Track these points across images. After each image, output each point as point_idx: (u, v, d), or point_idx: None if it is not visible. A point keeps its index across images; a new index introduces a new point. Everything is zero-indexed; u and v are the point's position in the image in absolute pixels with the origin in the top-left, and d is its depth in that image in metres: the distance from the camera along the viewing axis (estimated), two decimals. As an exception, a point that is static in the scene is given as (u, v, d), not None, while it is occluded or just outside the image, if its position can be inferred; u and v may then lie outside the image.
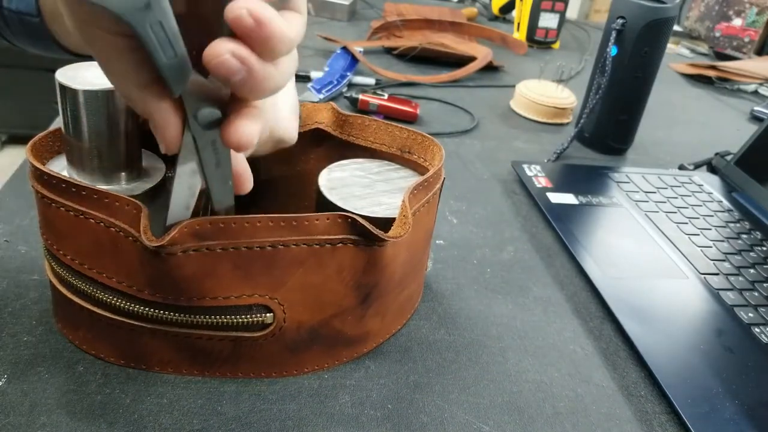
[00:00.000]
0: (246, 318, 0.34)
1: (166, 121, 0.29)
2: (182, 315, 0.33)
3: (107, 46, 0.27)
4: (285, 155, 0.46)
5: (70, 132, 0.33)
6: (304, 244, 0.32)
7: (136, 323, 0.34)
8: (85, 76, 0.32)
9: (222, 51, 0.26)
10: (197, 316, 0.33)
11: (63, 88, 0.31)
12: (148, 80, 0.28)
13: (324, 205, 0.39)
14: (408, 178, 0.42)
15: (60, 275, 0.34)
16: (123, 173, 0.35)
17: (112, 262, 0.32)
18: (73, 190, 0.31)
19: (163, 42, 0.25)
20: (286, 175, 0.46)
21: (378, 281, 0.36)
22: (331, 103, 0.44)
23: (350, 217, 0.33)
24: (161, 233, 0.31)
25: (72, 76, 0.32)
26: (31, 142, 0.34)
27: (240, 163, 0.33)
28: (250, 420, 0.34)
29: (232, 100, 0.29)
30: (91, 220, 0.31)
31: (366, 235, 0.33)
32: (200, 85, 0.28)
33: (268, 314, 0.34)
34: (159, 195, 0.36)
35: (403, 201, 0.35)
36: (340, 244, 0.33)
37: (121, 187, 0.35)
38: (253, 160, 0.46)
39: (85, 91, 0.31)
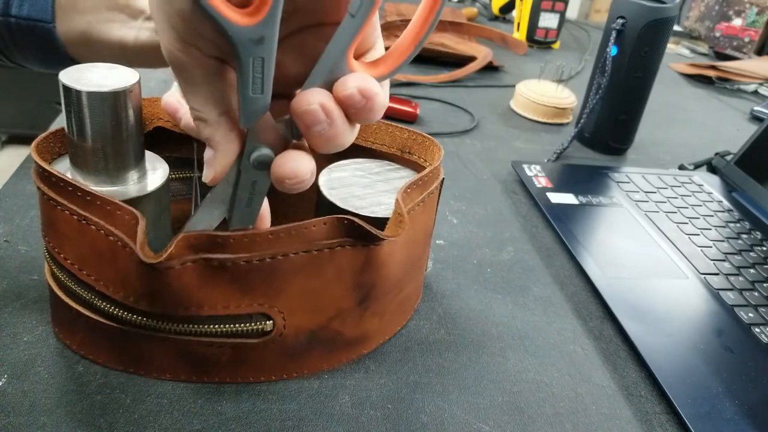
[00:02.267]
0: (245, 326, 0.34)
1: (226, 151, 0.30)
2: (180, 324, 0.33)
3: (199, 68, 0.28)
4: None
5: (74, 134, 0.33)
6: (303, 251, 0.32)
7: (133, 331, 0.33)
8: (90, 78, 0.32)
9: (312, 101, 0.27)
10: (195, 326, 0.33)
11: (67, 89, 0.31)
12: (228, 108, 0.29)
13: (324, 205, 0.39)
14: (408, 179, 0.42)
15: (59, 279, 0.34)
16: (127, 175, 0.35)
17: (110, 271, 0.32)
18: (79, 194, 0.31)
19: (256, 77, 0.27)
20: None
21: (375, 281, 0.36)
22: None
23: (346, 219, 0.32)
24: (166, 240, 0.31)
25: (76, 78, 0.32)
26: (35, 142, 0.34)
27: (263, 212, 0.34)
28: (250, 420, 0.34)
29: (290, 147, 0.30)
30: (93, 226, 0.31)
31: (363, 235, 0.33)
32: (266, 126, 0.29)
33: (268, 322, 0.34)
34: (162, 197, 0.36)
35: (397, 200, 0.35)
36: (338, 247, 0.33)
37: (125, 188, 0.34)
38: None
39: (90, 93, 0.31)
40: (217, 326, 0.33)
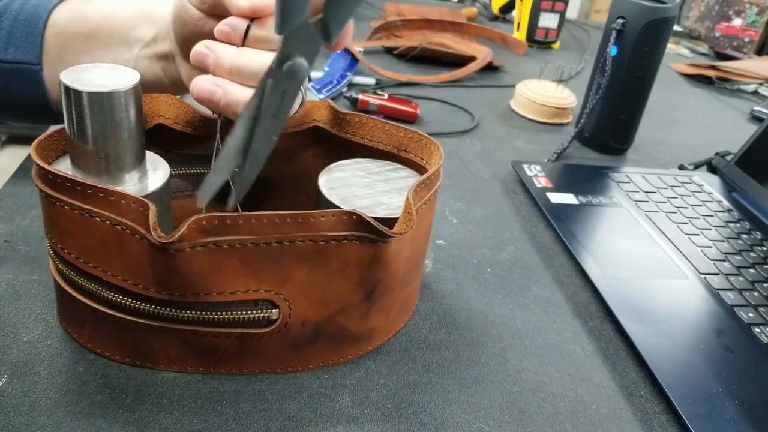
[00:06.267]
0: (252, 313, 0.34)
1: None
2: (188, 312, 0.33)
3: None
4: (284, 152, 0.46)
5: (75, 134, 0.33)
6: (309, 240, 0.33)
7: (141, 321, 0.34)
8: (90, 78, 0.32)
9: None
10: (203, 313, 0.33)
11: (68, 89, 0.31)
12: None
13: (324, 205, 0.39)
14: (408, 179, 0.42)
15: (64, 274, 0.35)
16: (127, 175, 0.35)
17: (118, 259, 0.32)
18: (79, 188, 0.31)
19: None
20: (285, 173, 0.47)
21: (382, 277, 0.36)
22: (327, 100, 0.44)
23: (355, 214, 0.33)
24: (169, 230, 0.31)
25: (77, 78, 0.32)
26: (35, 142, 0.34)
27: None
28: (250, 420, 0.34)
29: None
30: (97, 218, 0.31)
31: (371, 231, 0.33)
32: (302, 32, 0.28)
33: (273, 310, 0.34)
34: (164, 197, 0.36)
35: (407, 198, 0.35)
36: (345, 241, 0.33)
37: (126, 189, 0.35)
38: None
39: (90, 93, 0.31)
40: (224, 313, 0.33)
